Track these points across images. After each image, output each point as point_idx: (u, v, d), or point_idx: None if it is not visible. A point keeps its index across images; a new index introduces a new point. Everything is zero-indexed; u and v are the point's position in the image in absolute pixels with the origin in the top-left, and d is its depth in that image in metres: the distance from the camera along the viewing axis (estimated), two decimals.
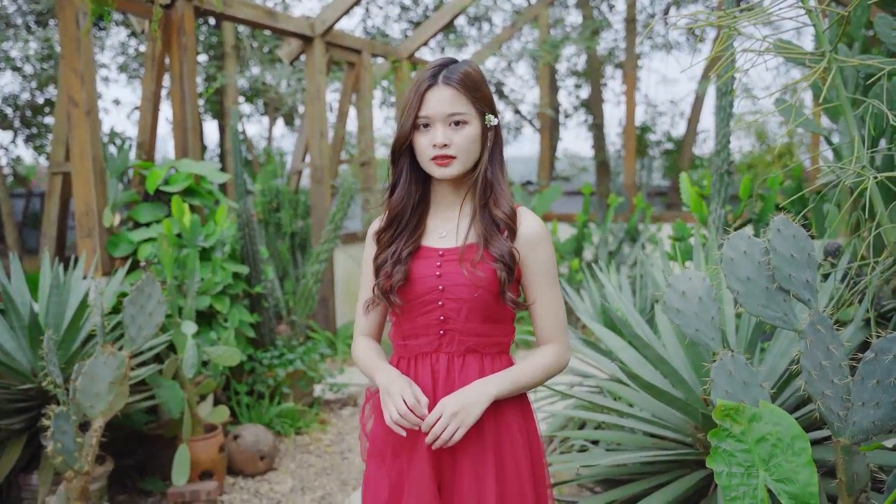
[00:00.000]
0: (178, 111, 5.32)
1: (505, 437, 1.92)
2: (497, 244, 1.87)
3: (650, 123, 13.72)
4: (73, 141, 4.49)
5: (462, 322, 1.89)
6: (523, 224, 1.92)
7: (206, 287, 4.38)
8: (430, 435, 1.79)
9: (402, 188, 1.95)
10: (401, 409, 1.79)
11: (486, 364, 1.93)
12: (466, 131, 1.86)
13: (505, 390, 1.87)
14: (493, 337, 1.94)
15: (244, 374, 5.00)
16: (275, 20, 6.35)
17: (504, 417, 1.93)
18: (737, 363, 2.05)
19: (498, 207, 1.90)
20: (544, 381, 1.96)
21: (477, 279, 1.85)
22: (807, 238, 1.97)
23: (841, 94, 2.63)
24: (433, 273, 1.90)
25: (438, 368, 1.92)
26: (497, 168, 1.94)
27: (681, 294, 2.11)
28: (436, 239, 1.96)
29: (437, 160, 1.86)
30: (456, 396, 1.82)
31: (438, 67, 1.88)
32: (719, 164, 3.72)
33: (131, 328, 3.14)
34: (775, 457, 1.84)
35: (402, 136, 1.88)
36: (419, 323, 1.93)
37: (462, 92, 1.85)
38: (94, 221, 4.45)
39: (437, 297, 1.90)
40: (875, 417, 1.92)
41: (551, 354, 1.95)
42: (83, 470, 3.00)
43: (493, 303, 1.88)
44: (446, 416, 1.78)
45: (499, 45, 10.61)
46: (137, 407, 3.89)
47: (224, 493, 4.12)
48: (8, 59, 11.35)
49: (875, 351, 1.89)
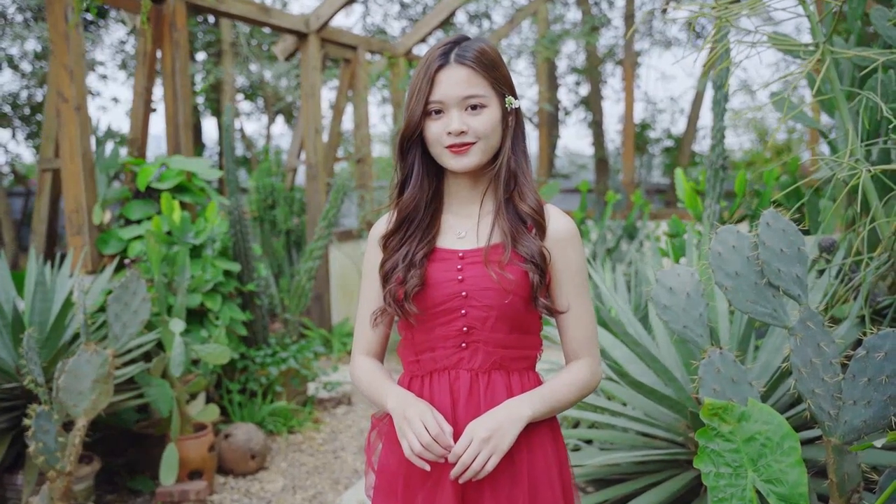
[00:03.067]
0: (170, 108, 5.28)
1: (540, 468, 1.68)
2: (526, 243, 1.65)
3: (650, 120, 13.66)
4: (62, 137, 4.45)
5: (488, 332, 1.66)
6: (552, 221, 1.70)
7: (197, 284, 4.34)
8: (457, 465, 1.55)
9: (414, 184, 1.72)
10: (424, 438, 1.54)
11: (513, 382, 1.69)
12: (485, 115, 1.64)
13: (540, 411, 1.64)
14: (522, 350, 1.71)
15: (236, 372, 4.95)
16: (269, 16, 6.30)
17: (539, 444, 1.69)
18: (725, 360, 2.01)
19: (524, 201, 1.68)
20: (579, 399, 1.73)
21: (507, 283, 1.62)
22: (797, 232, 1.93)
23: (835, 86, 2.58)
24: (454, 277, 1.67)
25: (459, 387, 1.67)
26: (520, 156, 1.72)
27: (668, 290, 2.06)
28: (453, 239, 1.73)
29: (453, 149, 1.63)
30: (486, 419, 1.59)
31: (450, 45, 1.65)
32: (714, 159, 3.68)
33: (115, 326, 3.09)
34: (764, 457, 1.80)
35: (411, 125, 1.65)
36: (436, 334, 1.69)
37: (478, 71, 1.63)
38: (84, 218, 4.41)
39: (460, 304, 1.66)
40: (866, 416, 1.87)
41: (587, 370, 1.73)
42: (65, 470, 2.96)
43: (524, 310, 1.66)
44: (477, 441, 1.54)
45: (497, 40, 10.55)
46: (126, 405, 3.85)
47: (214, 493, 4.08)
48: (8, 58, 11.31)
49: (866, 348, 1.85)
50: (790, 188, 2.50)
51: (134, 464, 4.18)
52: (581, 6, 12.40)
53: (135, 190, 4.79)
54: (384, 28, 15.46)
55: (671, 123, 14.11)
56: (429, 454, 1.55)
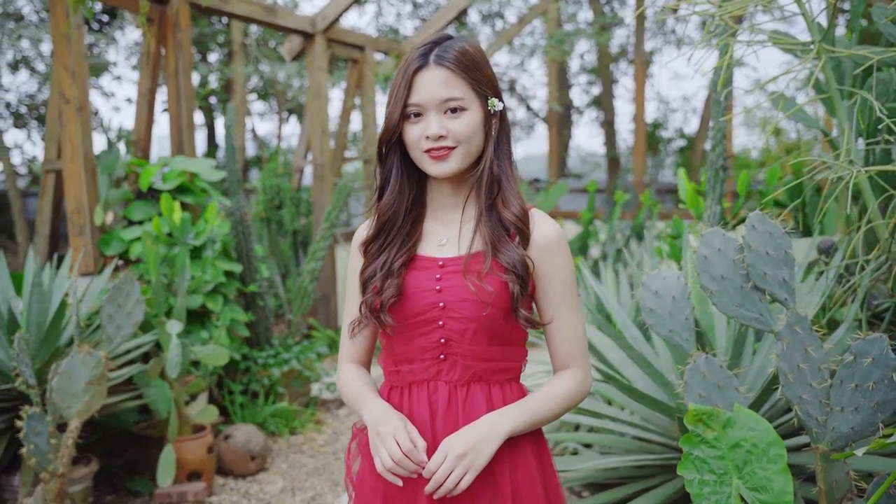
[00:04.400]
0: (174, 108, 5.28)
1: (524, 485, 1.63)
2: (507, 252, 1.59)
3: (662, 120, 13.58)
4: (64, 138, 4.45)
5: (466, 344, 1.61)
6: (537, 227, 1.64)
7: (197, 285, 4.34)
8: (431, 482, 1.51)
9: (392, 189, 1.66)
10: (395, 454, 1.51)
11: (493, 394, 1.64)
12: (466, 118, 1.58)
13: (522, 425, 1.59)
14: (503, 362, 1.66)
15: (239, 373, 4.95)
16: (274, 16, 6.29)
17: (521, 460, 1.64)
18: (711, 365, 1.97)
19: (507, 208, 1.62)
20: (565, 412, 1.68)
21: (485, 294, 1.57)
22: (783, 235, 1.89)
23: (831, 84, 2.54)
24: (432, 287, 1.62)
25: (437, 399, 1.63)
26: (504, 161, 1.66)
27: (654, 293, 2.03)
28: (434, 247, 1.68)
29: (432, 154, 1.58)
30: (463, 434, 1.54)
31: (430, 45, 1.60)
32: (714, 159, 3.63)
33: (109, 328, 3.09)
34: (750, 464, 1.76)
35: (389, 128, 1.61)
36: (415, 345, 1.65)
37: (458, 73, 1.57)
38: (86, 219, 4.41)
39: (438, 315, 1.61)
40: (854, 423, 1.83)
41: (573, 381, 1.67)
42: (58, 472, 2.96)
43: (504, 322, 1.61)
44: (452, 458, 1.50)
45: (507, 40, 10.51)
46: (125, 406, 3.85)
47: (213, 494, 4.07)
48: (24, 59, 11.40)
49: (854, 353, 1.81)
50: (784, 187, 2.45)
51: (133, 465, 4.18)
52: (593, 5, 12.34)
53: (137, 191, 4.80)
54: (397, 28, 15.48)
55: (684, 123, 14.03)
56: (401, 470, 1.52)
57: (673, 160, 13.64)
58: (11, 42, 10.81)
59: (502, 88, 11.05)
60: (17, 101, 12.96)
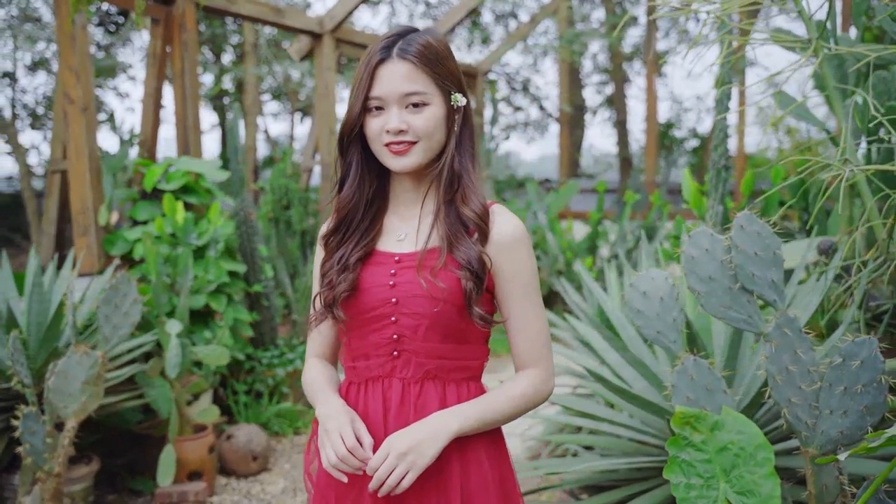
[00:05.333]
0: (180, 108, 5.30)
1: (476, 486, 1.59)
2: (463, 248, 1.56)
3: (675, 120, 13.50)
4: (68, 138, 4.48)
5: (419, 342, 1.59)
6: (497, 224, 1.60)
7: (199, 285, 4.34)
8: (374, 480, 1.49)
9: (351, 183, 1.65)
10: (339, 450, 1.50)
11: (448, 393, 1.61)
12: (427, 113, 1.56)
13: (470, 425, 1.55)
14: (459, 360, 1.63)
15: (243, 373, 4.95)
16: (281, 17, 6.30)
17: (474, 460, 1.61)
18: (699, 368, 1.94)
19: (466, 204, 1.59)
20: (521, 413, 1.64)
21: (437, 290, 1.55)
22: (772, 235, 1.86)
23: (828, 82, 2.50)
24: (385, 282, 1.61)
25: (391, 396, 1.61)
26: (466, 157, 1.63)
27: (642, 294, 2.00)
28: (393, 242, 1.66)
29: (393, 148, 1.56)
30: (407, 432, 1.52)
31: (394, 38, 1.57)
32: (716, 159, 3.59)
33: (106, 328, 3.09)
34: (737, 467, 1.74)
35: (350, 121, 1.59)
36: (369, 341, 1.63)
37: (420, 67, 1.55)
38: (90, 219, 4.43)
39: (390, 311, 1.60)
40: (843, 427, 1.80)
41: (529, 382, 1.63)
42: (53, 471, 2.97)
43: (458, 319, 1.58)
44: (393, 455, 1.48)
45: (517, 40, 10.49)
46: (127, 406, 3.86)
47: (214, 494, 4.08)
48: (42, 61, 11.49)
49: (843, 355, 1.78)
50: (780, 186, 2.42)
51: (135, 464, 4.19)
52: (605, 4, 12.29)
53: (142, 191, 4.81)
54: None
55: (697, 122, 13.95)
56: (345, 466, 1.51)
57: (686, 160, 13.55)
58: (28, 44, 10.90)
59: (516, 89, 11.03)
60: (34, 101, 13.08)
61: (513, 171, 10.58)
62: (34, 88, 13.42)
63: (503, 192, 9.31)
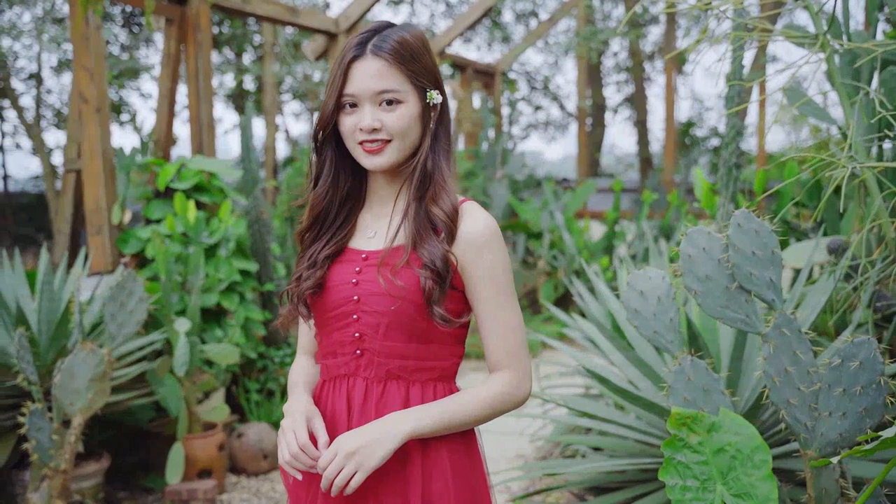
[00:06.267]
0: (194, 108, 5.33)
1: (437, 491, 1.56)
2: (428, 247, 1.53)
3: (696, 119, 13.38)
4: (83, 138, 4.52)
5: (381, 340, 1.57)
6: (465, 222, 1.56)
7: (210, 284, 4.36)
8: (323, 479, 1.47)
9: (325, 180, 1.63)
10: (291, 448, 1.50)
11: (413, 394, 1.58)
12: (401, 111, 1.54)
13: (425, 427, 1.51)
14: (424, 360, 1.59)
15: (255, 371, 4.97)
16: (296, 16, 6.32)
17: (436, 465, 1.56)
18: (696, 368, 1.92)
19: (436, 203, 1.56)
20: (489, 418, 1.59)
21: (395, 289, 1.52)
22: (770, 234, 1.82)
23: (835, 79, 2.46)
24: (349, 280, 1.59)
25: (354, 395, 1.59)
26: (441, 156, 1.61)
27: (639, 293, 1.98)
28: (364, 240, 1.65)
29: (366, 147, 1.54)
30: (357, 432, 1.49)
31: (369, 34, 1.55)
32: (727, 157, 3.55)
33: (111, 326, 3.11)
34: (734, 469, 1.71)
35: (324, 118, 1.57)
36: (335, 339, 1.62)
37: (395, 64, 1.53)
38: (104, 218, 4.47)
39: (352, 308, 1.58)
40: (842, 429, 1.77)
41: (500, 385, 1.57)
42: (59, 468, 2.99)
43: (420, 318, 1.54)
44: (341, 455, 1.45)
45: (535, 38, 10.45)
46: (138, 403, 3.88)
47: (224, 492, 4.09)
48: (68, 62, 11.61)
49: (841, 356, 1.74)
50: (785, 184, 2.38)
51: (148, 462, 4.22)
52: (626, 3, 12.22)
53: (156, 190, 4.84)
54: (431, 27, 15.51)
55: (719, 121, 13.82)
56: (297, 464, 1.51)
57: (707, 159, 13.43)
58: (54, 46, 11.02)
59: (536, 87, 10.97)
60: (59, 102, 13.24)
61: (531, 171, 10.53)
62: (59, 89, 13.60)
63: (520, 191, 9.27)
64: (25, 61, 12.36)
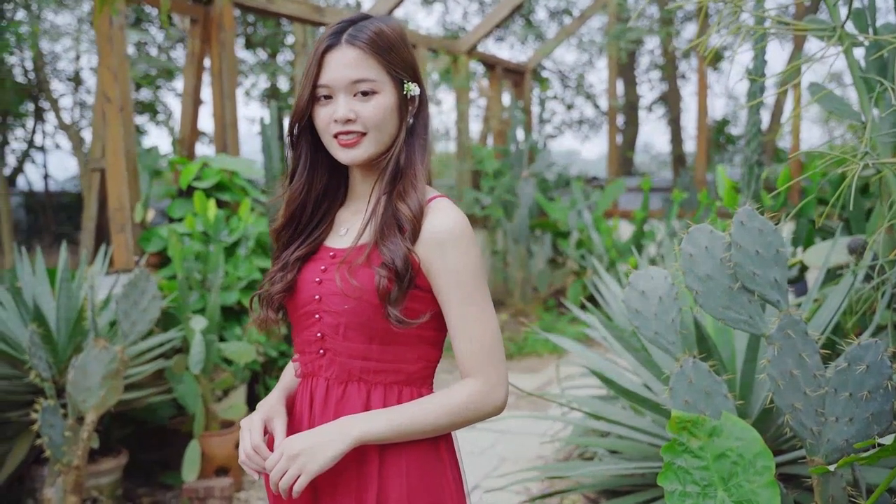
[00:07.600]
0: (218, 107, 5.36)
1: (395, 493, 1.50)
2: (389, 245, 1.47)
3: (731, 117, 13.17)
4: (107, 137, 4.55)
5: (341, 341, 1.52)
6: (431, 219, 1.50)
7: (230, 282, 4.38)
8: (270, 479, 1.45)
9: (299, 177, 1.59)
10: (245, 447, 1.51)
11: (374, 397, 1.53)
12: (376, 102, 1.49)
13: (375, 432, 1.45)
14: (387, 363, 1.53)
15: (276, 369, 4.98)
16: (322, 15, 6.32)
17: (393, 474, 1.51)
18: (698, 370, 1.86)
19: (402, 199, 1.50)
20: (452, 427, 1.51)
21: (351, 288, 1.47)
22: (775, 232, 1.76)
23: (854, 72, 2.38)
24: (314, 279, 1.55)
25: (316, 396, 1.57)
26: (415, 151, 1.56)
27: (640, 293, 1.92)
28: (337, 237, 1.61)
29: (341, 140, 1.49)
30: (304, 435, 1.46)
31: (345, 24, 1.50)
32: (749, 154, 3.47)
33: (124, 323, 3.13)
34: (736, 476, 1.66)
35: (298, 110, 1.52)
36: (302, 338, 1.59)
37: (371, 54, 1.48)
38: (127, 217, 4.50)
39: (315, 308, 1.54)
40: (849, 434, 1.70)
41: (464, 395, 1.49)
42: (72, 464, 3.01)
43: (378, 319, 1.48)
44: (285, 458, 1.42)
45: (565, 36, 10.36)
46: (157, 400, 3.91)
47: (242, 490, 4.10)
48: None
49: (848, 360, 1.68)
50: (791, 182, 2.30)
51: (167, 459, 4.25)
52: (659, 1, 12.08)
53: (179, 189, 4.88)
54: (463, 26, 15.49)
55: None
56: (252, 464, 1.51)
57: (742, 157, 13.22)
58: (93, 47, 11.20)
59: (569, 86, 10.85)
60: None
61: (562, 169, 10.44)
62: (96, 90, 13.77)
63: (550, 190, 9.20)
64: (65, 63, 12.56)
